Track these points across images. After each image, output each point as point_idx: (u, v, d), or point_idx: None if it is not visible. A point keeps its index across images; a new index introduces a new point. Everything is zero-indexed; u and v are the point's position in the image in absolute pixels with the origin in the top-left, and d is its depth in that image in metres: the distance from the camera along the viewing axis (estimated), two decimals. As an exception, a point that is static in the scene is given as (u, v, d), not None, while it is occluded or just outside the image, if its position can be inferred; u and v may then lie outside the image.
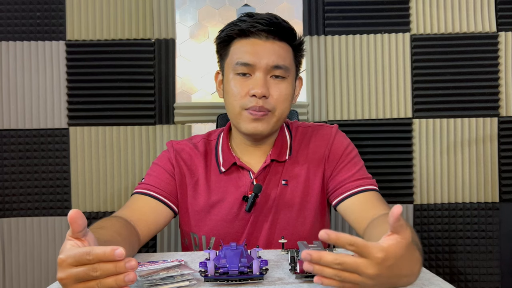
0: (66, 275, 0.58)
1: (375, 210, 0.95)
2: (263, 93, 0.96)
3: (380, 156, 1.76)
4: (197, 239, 1.07)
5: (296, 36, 1.03)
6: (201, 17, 1.84)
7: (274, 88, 0.99)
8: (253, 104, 0.97)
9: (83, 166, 1.75)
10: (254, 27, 0.98)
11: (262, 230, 1.04)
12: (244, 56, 0.98)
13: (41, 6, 1.75)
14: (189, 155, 1.09)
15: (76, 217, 0.59)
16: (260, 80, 0.97)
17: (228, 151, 1.08)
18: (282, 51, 1.00)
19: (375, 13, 1.76)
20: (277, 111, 0.99)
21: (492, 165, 1.74)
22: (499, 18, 1.75)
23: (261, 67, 0.98)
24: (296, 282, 0.71)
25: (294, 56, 1.04)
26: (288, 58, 1.01)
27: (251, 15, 1.01)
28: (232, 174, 1.06)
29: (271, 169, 1.06)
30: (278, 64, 0.98)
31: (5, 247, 1.74)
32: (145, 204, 1.02)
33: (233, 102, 1.00)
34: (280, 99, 0.99)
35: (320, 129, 1.11)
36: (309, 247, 0.75)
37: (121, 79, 1.75)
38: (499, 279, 1.74)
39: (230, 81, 1.01)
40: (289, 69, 1.01)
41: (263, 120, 0.99)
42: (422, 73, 1.76)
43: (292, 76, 1.03)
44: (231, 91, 1.00)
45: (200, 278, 0.71)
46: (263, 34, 0.98)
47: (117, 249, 0.56)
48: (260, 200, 1.03)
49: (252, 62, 0.98)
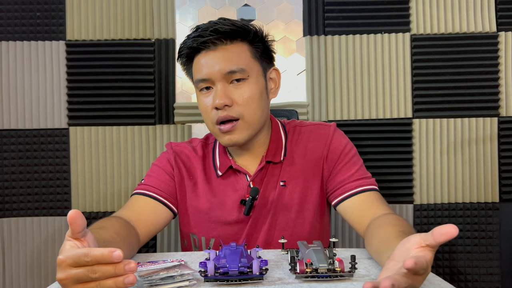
0: (65, 276, 0.58)
1: (375, 210, 0.95)
2: (224, 103, 0.95)
3: (380, 156, 1.76)
4: (196, 240, 1.07)
5: (246, 31, 0.99)
6: (201, 17, 1.84)
7: (236, 93, 0.97)
8: (218, 116, 0.96)
9: (83, 166, 1.75)
10: (197, 41, 0.97)
11: (261, 232, 1.04)
12: (199, 73, 0.98)
13: (41, 6, 1.75)
14: (188, 158, 1.10)
15: (75, 218, 0.59)
16: (219, 91, 0.96)
17: (224, 155, 1.08)
18: (232, 54, 0.97)
19: (375, 13, 1.76)
20: (245, 116, 0.97)
21: (492, 165, 1.74)
22: (499, 18, 1.75)
23: (217, 78, 0.96)
24: (296, 282, 0.71)
25: (253, 52, 1.00)
26: (243, 58, 0.98)
27: (198, 28, 0.99)
28: (229, 177, 1.06)
29: (268, 171, 1.05)
30: (231, 69, 0.96)
31: (5, 247, 1.74)
32: (145, 204, 1.02)
33: (205, 119, 1.01)
34: (245, 103, 0.97)
35: (317, 128, 1.09)
36: (309, 247, 0.76)
37: (121, 79, 1.75)
38: (499, 279, 1.74)
39: (198, 98, 1.02)
40: (246, 69, 0.97)
41: (235, 131, 0.97)
42: (422, 73, 1.75)
43: (254, 74, 0.99)
44: (201, 108, 1.01)
45: (200, 278, 0.71)
46: (209, 44, 0.97)
47: (115, 251, 0.56)
48: (259, 202, 1.03)
49: (206, 76, 0.97)
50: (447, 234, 0.54)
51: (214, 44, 0.97)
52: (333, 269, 0.70)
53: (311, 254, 0.72)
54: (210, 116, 0.98)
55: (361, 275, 0.74)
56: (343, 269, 0.70)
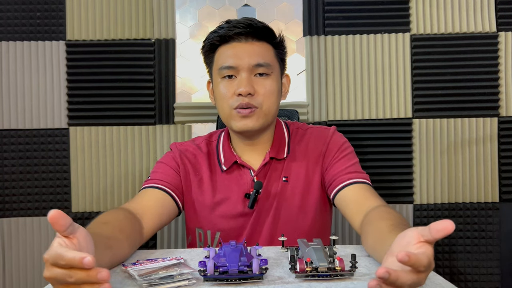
0: (49, 275, 0.57)
1: (367, 203, 0.97)
2: (248, 91, 1.01)
3: (380, 156, 1.76)
4: (202, 234, 1.10)
5: (274, 34, 1.08)
6: (201, 17, 1.84)
7: (259, 85, 1.03)
8: (239, 102, 1.02)
9: (83, 166, 1.75)
10: (232, 31, 1.04)
11: (265, 225, 1.07)
12: (227, 60, 1.04)
13: (41, 6, 1.75)
14: (193, 155, 1.13)
15: (57, 217, 0.57)
16: (245, 80, 1.02)
17: (229, 151, 1.12)
18: (262, 50, 1.05)
19: (375, 13, 1.76)
20: (264, 106, 1.04)
21: (492, 165, 1.74)
22: (499, 18, 1.75)
23: (244, 67, 1.03)
24: (296, 282, 0.71)
25: (276, 54, 1.08)
26: (269, 56, 1.06)
27: (229, 21, 1.07)
28: (233, 172, 1.10)
29: (271, 166, 1.09)
30: (260, 62, 1.03)
31: (5, 247, 1.74)
32: (152, 196, 1.05)
33: (223, 103, 1.05)
34: (266, 95, 1.04)
35: (318, 129, 1.16)
36: (309, 245, 0.75)
37: (121, 79, 1.75)
38: (499, 279, 1.74)
39: (219, 85, 1.06)
40: (272, 65, 1.05)
41: (252, 117, 1.03)
42: (422, 73, 1.75)
43: (276, 72, 1.07)
44: (220, 94, 1.06)
45: (199, 277, 0.71)
46: (242, 37, 1.04)
47: (85, 257, 0.54)
48: (262, 196, 1.07)
49: (235, 64, 1.03)
50: (443, 230, 0.54)
51: (246, 37, 1.04)
52: (333, 268, 0.70)
53: (311, 252, 0.72)
54: (229, 101, 1.04)
55: (361, 274, 0.74)
56: (343, 268, 0.70)
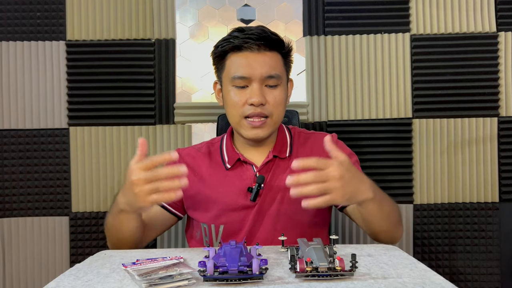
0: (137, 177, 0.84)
1: None
2: (261, 101, 1.05)
3: (380, 156, 1.76)
4: (207, 229, 1.12)
5: (284, 44, 1.11)
6: (201, 17, 1.84)
7: (270, 95, 1.08)
8: (251, 111, 1.06)
9: (83, 166, 1.75)
10: (246, 42, 1.06)
11: (266, 218, 1.09)
12: (240, 69, 1.07)
13: (41, 6, 1.75)
14: (192, 157, 1.18)
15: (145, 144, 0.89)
16: (257, 90, 1.06)
17: (232, 150, 1.16)
18: (273, 61, 1.08)
19: (375, 13, 1.76)
20: (274, 115, 1.09)
21: (492, 165, 1.74)
22: (499, 18, 1.75)
23: (256, 78, 1.06)
24: (296, 282, 0.71)
25: (284, 63, 1.12)
26: (279, 66, 1.09)
27: (242, 30, 1.09)
28: (236, 169, 1.14)
29: (274, 164, 1.13)
30: (271, 74, 1.07)
31: (5, 247, 1.74)
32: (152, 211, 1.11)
33: (233, 110, 1.09)
34: (276, 105, 1.08)
35: (320, 135, 1.19)
36: (309, 245, 0.76)
37: (121, 79, 1.75)
38: (499, 279, 1.74)
39: (230, 92, 1.09)
40: (281, 76, 1.09)
41: (263, 127, 1.08)
42: (422, 73, 1.75)
43: (284, 82, 1.11)
44: (231, 102, 1.09)
45: (199, 277, 0.71)
46: (254, 47, 1.07)
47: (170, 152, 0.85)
48: (264, 190, 1.10)
49: (247, 75, 1.06)
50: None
51: (258, 47, 1.07)
52: (333, 268, 0.70)
53: (311, 252, 0.72)
54: (239, 110, 1.08)
55: (361, 274, 0.74)
56: (344, 267, 0.70)
